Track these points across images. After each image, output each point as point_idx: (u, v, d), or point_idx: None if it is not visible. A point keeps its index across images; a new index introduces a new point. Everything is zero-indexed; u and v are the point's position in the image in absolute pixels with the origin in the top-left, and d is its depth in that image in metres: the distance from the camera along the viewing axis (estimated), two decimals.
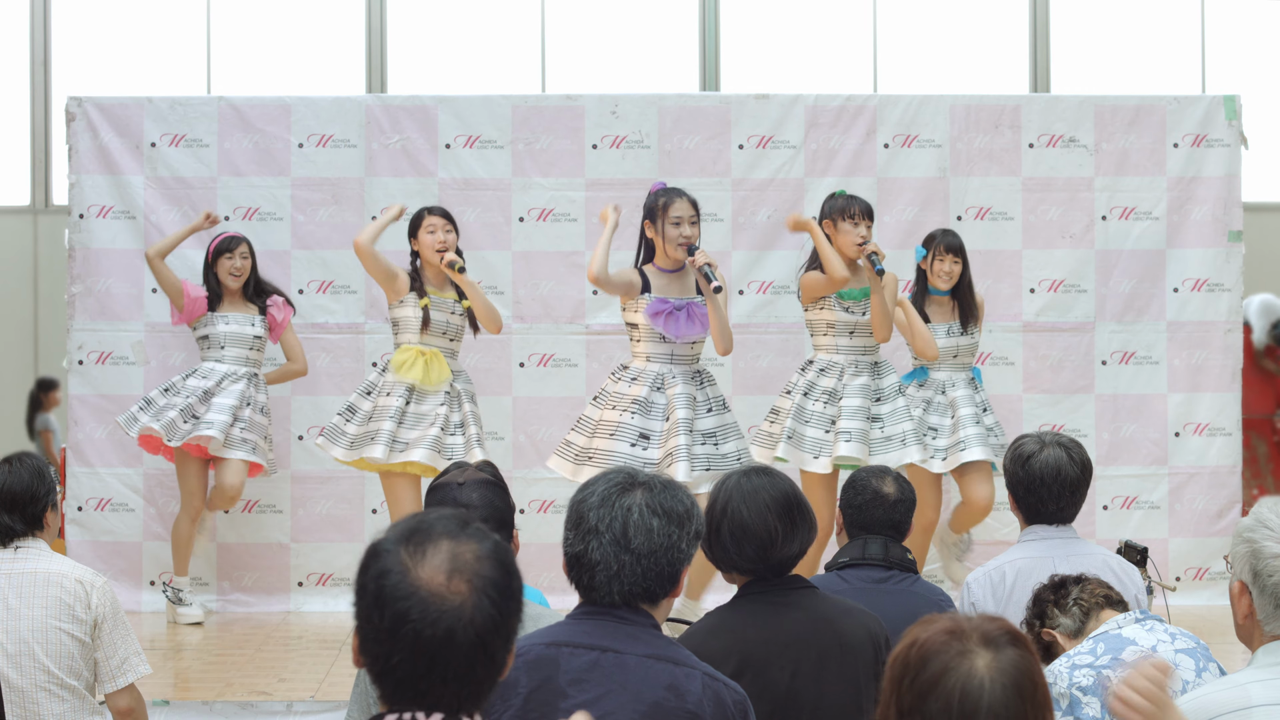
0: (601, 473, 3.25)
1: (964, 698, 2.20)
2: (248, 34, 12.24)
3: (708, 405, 6.69)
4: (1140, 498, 8.34)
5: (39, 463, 4.76)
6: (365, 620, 2.22)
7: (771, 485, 3.81)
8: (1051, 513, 4.62)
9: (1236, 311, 8.39)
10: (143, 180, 8.26)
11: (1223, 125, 8.37)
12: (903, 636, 2.30)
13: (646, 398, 6.61)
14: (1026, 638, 2.28)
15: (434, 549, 2.21)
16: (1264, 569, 3.06)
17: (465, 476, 3.81)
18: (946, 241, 7.50)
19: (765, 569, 3.80)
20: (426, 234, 7.10)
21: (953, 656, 2.22)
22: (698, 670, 3.16)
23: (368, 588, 2.22)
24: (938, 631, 2.26)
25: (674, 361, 6.68)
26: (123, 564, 8.17)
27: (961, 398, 7.39)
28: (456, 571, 2.20)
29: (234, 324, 7.74)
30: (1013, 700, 2.20)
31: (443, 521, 2.26)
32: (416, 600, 2.18)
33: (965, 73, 12.11)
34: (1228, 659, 3.93)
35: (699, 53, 12.14)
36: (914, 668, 2.24)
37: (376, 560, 2.23)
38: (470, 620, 2.18)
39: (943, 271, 7.47)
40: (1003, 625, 2.27)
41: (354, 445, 7.09)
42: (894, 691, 2.25)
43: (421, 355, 7.05)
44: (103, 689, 4.71)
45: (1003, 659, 2.23)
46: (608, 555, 3.13)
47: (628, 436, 6.57)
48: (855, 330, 7.12)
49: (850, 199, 7.13)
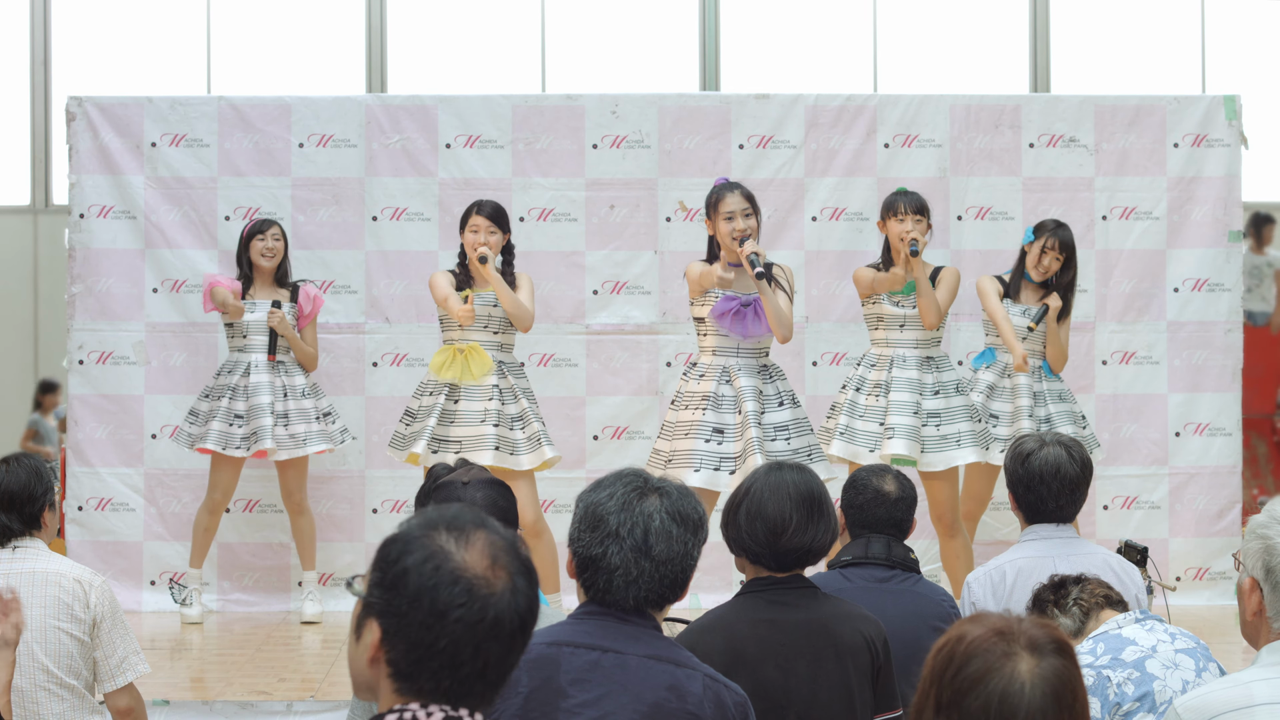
0: (613, 473, 3.25)
1: (1004, 700, 2.20)
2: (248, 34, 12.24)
3: (779, 399, 6.68)
4: (1140, 498, 8.34)
5: (37, 462, 4.76)
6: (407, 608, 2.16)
7: (798, 479, 3.86)
8: (1051, 511, 4.62)
9: (1236, 311, 8.39)
10: (143, 180, 8.26)
11: (1223, 125, 8.37)
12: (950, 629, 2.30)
13: (715, 392, 6.62)
14: (1072, 647, 2.27)
15: (474, 536, 2.20)
16: (1277, 565, 3.06)
17: (470, 475, 3.82)
18: (1060, 236, 7.38)
19: (774, 558, 3.81)
20: (470, 233, 7.11)
21: (997, 657, 2.22)
22: (699, 671, 3.16)
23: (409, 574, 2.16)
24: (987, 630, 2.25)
25: (740, 355, 6.69)
26: (123, 564, 8.16)
27: (1022, 385, 7.38)
28: (497, 558, 2.20)
29: (259, 311, 7.71)
30: (1051, 708, 2.20)
31: (467, 513, 2.26)
32: (464, 585, 2.16)
33: (965, 73, 12.11)
34: (1228, 659, 3.93)
35: (699, 53, 12.14)
36: (958, 663, 2.24)
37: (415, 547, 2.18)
38: (513, 605, 2.19)
39: (1041, 264, 7.40)
40: (1051, 632, 2.27)
41: (403, 444, 7.13)
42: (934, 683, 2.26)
43: (460, 352, 7.06)
44: (102, 688, 4.71)
45: (1045, 666, 2.23)
46: (628, 560, 3.14)
47: (702, 433, 6.58)
48: (905, 323, 7.13)
49: (897, 195, 7.13)
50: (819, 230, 8.35)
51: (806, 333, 8.30)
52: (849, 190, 8.34)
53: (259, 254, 7.72)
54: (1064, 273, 7.43)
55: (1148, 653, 3.77)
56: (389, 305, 8.30)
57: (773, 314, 6.59)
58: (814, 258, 8.32)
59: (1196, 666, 3.77)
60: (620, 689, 3.10)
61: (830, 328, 8.24)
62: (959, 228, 8.34)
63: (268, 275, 7.77)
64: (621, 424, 8.23)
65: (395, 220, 8.31)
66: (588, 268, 8.33)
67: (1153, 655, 3.77)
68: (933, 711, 2.25)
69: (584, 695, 3.10)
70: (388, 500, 8.20)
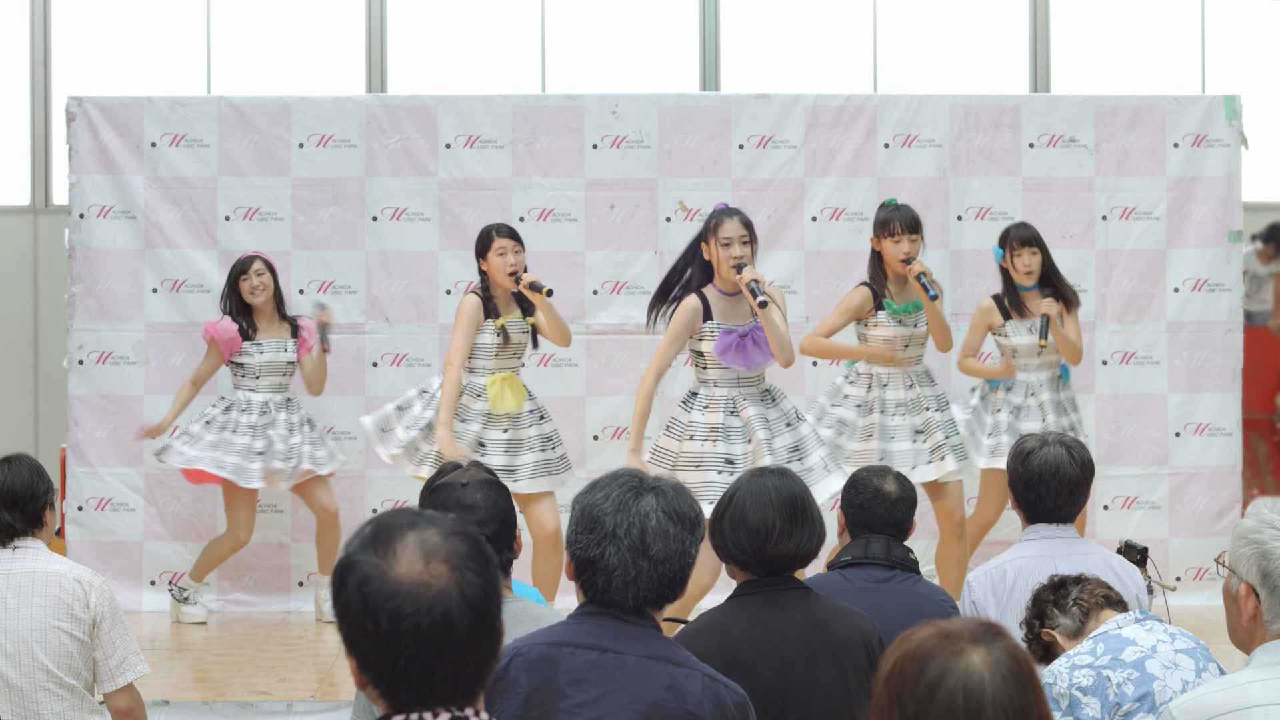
0: (609, 474, 3.25)
1: (967, 695, 2.22)
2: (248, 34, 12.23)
3: (784, 421, 6.61)
4: (1140, 498, 8.35)
5: (37, 462, 4.78)
6: (359, 633, 2.19)
7: (781, 484, 3.84)
8: (1050, 510, 4.62)
9: (1236, 311, 8.39)
10: (143, 180, 8.26)
11: (1223, 125, 8.37)
12: (888, 651, 2.31)
13: (724, 424, 6.52)
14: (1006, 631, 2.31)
15: (401, 543, 2.21)
16: (1275, 569, 3.05)
17: (468, 477, 3.81)
18: (1020, 235, 7.43)
19: (760, 564, 3.81)
20: (496, 256, 7.00)
21: (948, 657, 2.24)
22: (698, 671, 3.16)
23: (352, 601, 2.20)
24: (927, 637, 2.28)
25: (741, 385, 6.58)
26: (123, 564, 8.17)
27: (1048, 402, 7.39)
28: (430, 556, 2.20)
29: (268, 352, 7.71)
30: (1014, 690, 2.23)
31: (400, 515, 2.27)
32: (404, 595, 2.17)
33: (965, 73, 12.09)
34: (1228, 659, 3.92)
35: (699, 53, 12.13)
36: (912, 675, 2.25)
37: (351, 572, 2.21)
38: (461, 597, 2.18)
39: (1023, 266, 7.43)
40: (984, 622, 2.30)
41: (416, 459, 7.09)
42: (894, 703, 2.26)
43: (505, 382, 7.00)
44: (101, 688, 4.71)
45: (995, 652, 2.25)
46: (625, 561, 3.14)
47: (714, 465, 6.46)
48: (910, 342, 7.13)
49: (892, 213, 7.06)
50: (819, 230, 8.36)
51: (807, 333, 8.28)
52: (849, 190, 8.34)
53: (248, 294, 7.70)
54: (1045, 265, 7.44)
55: (1148, 653, 3.77)
56: (389, 305, 8.30)
57: (775, 340, 6.48)
58: (814, 258, 8.32)
59: (1196, 667, 3.77)
60: (619, 689, 3.10)
61: None
62: (959, 228, 8.34)
63: (267, 310, 7.75)
64: (621, 424, 8.23)
65: (395, 220, 8.31)
66: (588, 268, 8.33)
67: (1153, 655, 3.77)
68: None
69: (583, 695, 3.10)
70: (388, 500, 8.21)
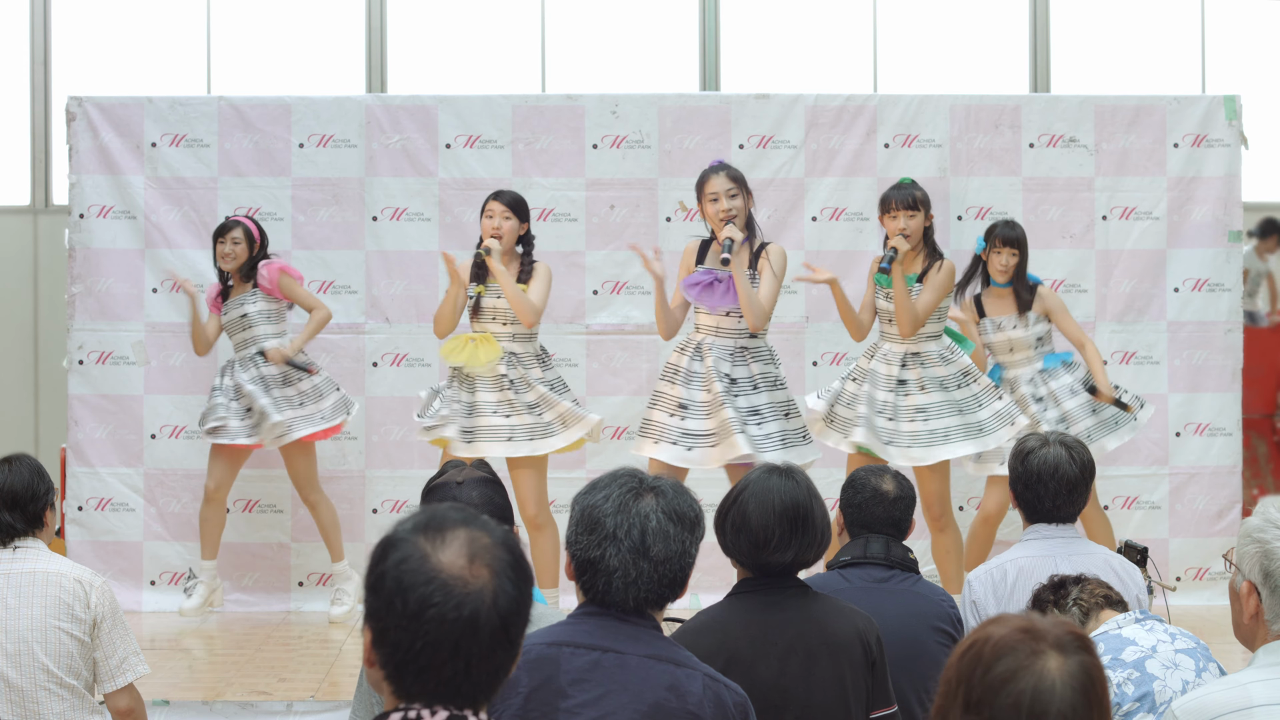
0: (608, 474, 3.24)
1: (1035, 698, 2.24)
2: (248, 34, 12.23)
3: (752, 382, 6.66)
4: (1140, 498, 8.34)
5: (37, 462, 4.78)
6: (385, 610, 2.20)
7: (786, 489, 3.79)
8: (1049, 510, 4.62)
9: (1236, 311, 8.39)
10: (143, 180, 8.26)
11: (1223, 125, 8.37)
12: (974, 630, 2.34)
13: (687, 367, 6.67)
14: (1093, 644, 2.32)
15: (452, 535, 2.22)
16: (1276, 569, 3.06)
17: (464, 475, 3.82)
18: (1004, 234, 7.48)
19: (758, 569, 3.81)
20: (485, 219, 7.08)
21: (1026, 656, 2.26)
22: (698, 671, 3.16)
23: (387, 576, 2.20)
24: (1013, 630, 2.30)
25: (718, 334, 6.71)
26: (123, 564, 8.17)
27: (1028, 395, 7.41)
28: (476, 556, 2.21)
29: (230, 311, 7.75)
30: (1080, 704, 2.25)
31: (455, 511, 2.28)
32: (439, 584, 2.18)
33: (965, 73, 12.10)
34: (1228, 659, 3.93)
35: (699, 53, 12.13)
36: (986, 662, 2.27)
37: (394, 549, 2.22)
38: (493, 603, 2.19)
39: (999, 264, 7.47)
40: (1073, 629, 2.32)
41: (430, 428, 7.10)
42: (961, 683, 2.29)
43: (471, 340, 7.05)
44: (102, 689, 4.71)
45: (1072, 663, 2.27)
46: (626, 562, 3.13)
47: (666, 406, 6.62)
48: (893, 318, 7.12)
49: (891, 189, 7.01)
50: (819, 230, 8.36)
51: (807, 333, 8.30)
52: (849, 190, 8.34)
53: (219, 258, 7.74)
54: (1018, 268, 7.47)
55: (1148, 653, 3.77)
56: (389, 305, 8.30)
57: (743, 297, 6.61)
58: (814, 258, 8.31)
59: (1196, 667, 3.77)
60: (620, 689, 3.10)
61: (830, 328, 8.22)
62: (959, 228, 8.34)
63: (239, 276, 7.77)
64: (621, 424, 8.23)
65: (395, 220, 8.31)
66: (588, 268, 8.33)
67: (1153, 655, 3.77)
68: (960, 710, 2.28)
69: (584, 695, 3.10)
70: (388, 500, 8.21)
